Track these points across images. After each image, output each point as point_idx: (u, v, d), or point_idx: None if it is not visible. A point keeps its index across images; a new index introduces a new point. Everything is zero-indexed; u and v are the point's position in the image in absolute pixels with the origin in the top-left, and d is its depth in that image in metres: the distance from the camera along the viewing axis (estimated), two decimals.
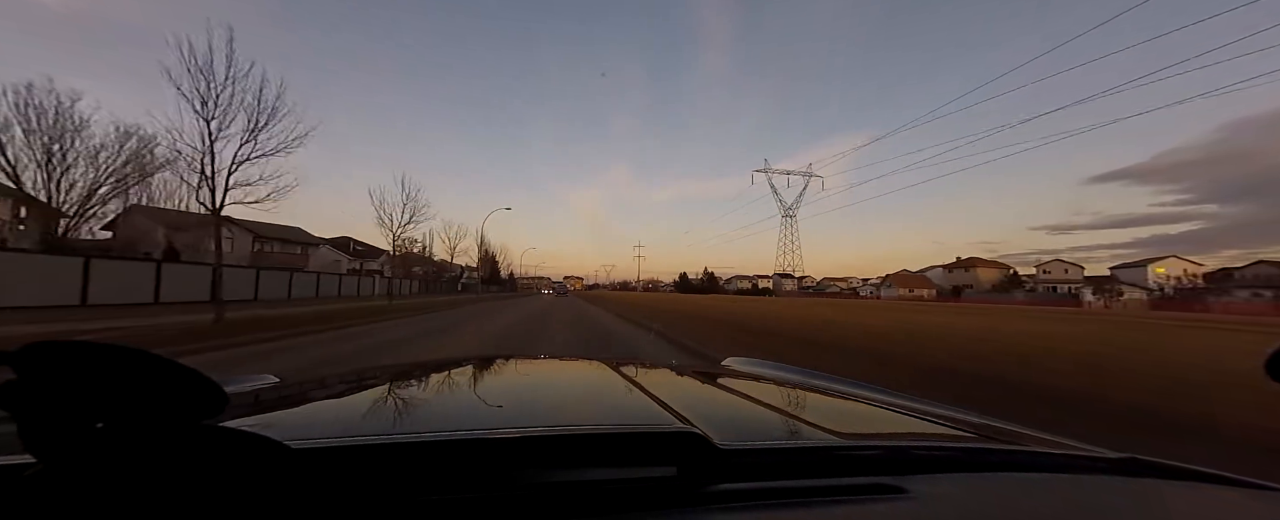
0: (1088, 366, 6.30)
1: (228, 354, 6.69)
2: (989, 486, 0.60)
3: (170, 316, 11.33)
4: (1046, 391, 4.64)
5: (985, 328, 12.93)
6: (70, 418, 0.33)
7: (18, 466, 0.41)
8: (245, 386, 1.03)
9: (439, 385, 1.06)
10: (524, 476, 0.52)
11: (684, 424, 0.63)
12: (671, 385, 1.16)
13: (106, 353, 0.34)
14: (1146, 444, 2.31)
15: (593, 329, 11.86)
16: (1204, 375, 5.58)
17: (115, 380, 0.34)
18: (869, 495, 0.54)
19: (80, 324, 9.00)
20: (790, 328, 11.80)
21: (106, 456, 0.34)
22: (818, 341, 8.85)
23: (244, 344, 7.55)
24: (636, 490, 0.51)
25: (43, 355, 0.33)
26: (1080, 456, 0.72)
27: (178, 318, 10.83)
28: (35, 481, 0.33)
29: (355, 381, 1.15)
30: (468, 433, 0.58)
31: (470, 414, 0.86)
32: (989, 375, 5.44)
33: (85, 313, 12.28)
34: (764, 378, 1.36)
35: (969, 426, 0.90)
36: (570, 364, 1.60)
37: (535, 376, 1.26)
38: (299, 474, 0.40)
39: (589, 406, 0.97)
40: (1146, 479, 0.65)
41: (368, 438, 0.55)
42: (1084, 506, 0.56)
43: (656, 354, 7.79)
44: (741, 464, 0.56)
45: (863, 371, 5.42)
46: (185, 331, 8.12)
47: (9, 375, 0.32)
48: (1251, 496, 0.62)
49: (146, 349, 0.35)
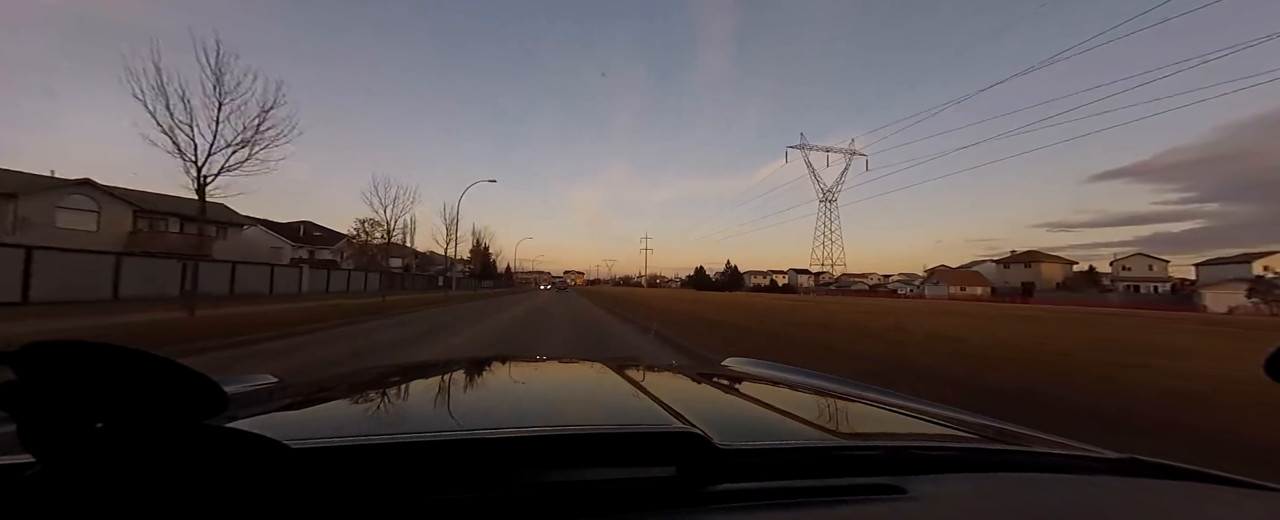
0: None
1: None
2: (989, 487, 0.60)
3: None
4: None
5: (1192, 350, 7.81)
6: (70, 418, 0.33)
7: (18, 466, 0.41)
8: (245, 386, 1.03)
9: (439, 385, 1.06)
10: (524, 476, 0.52)
11: (684, 424, 0.63)
12: (671, 385, 1.16)
13: (106, 353, 0.33)
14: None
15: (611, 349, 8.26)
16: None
17: (115, 380, 0.34)
18: (869, 495, 0.54)
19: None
20: (896, 349, 7.55)
21: (106, 456, 0.34)
22: (1003, 391, 4.69)
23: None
24: (636, 490, 0.51)
25: (43, 355, 0.32)
26: (1080, 456, 0.72)
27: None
28: (35, 481, 0.33)
29: (355, 381, 1.15)
30: (468, 433, 0.58)
31: (470, 414, 0.86)
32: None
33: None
34: (764, 378, 1.36)
35: (969, 427, 0.90)
36: (570, 364, 1.61)
37: (535, 377, 1.26)
38: (299, 474, 0.40)
39: (589, 406, 0.97)
40: (1146, 479, 0.65)
41: (368, 438, 0.56)
42: (1084, 506, 0.56)
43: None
44: (741, 464, 0.56)
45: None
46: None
47: (9, 375, 0.32)
48: (1251, 497, 0.62)
49: (146, 349, 0.35)
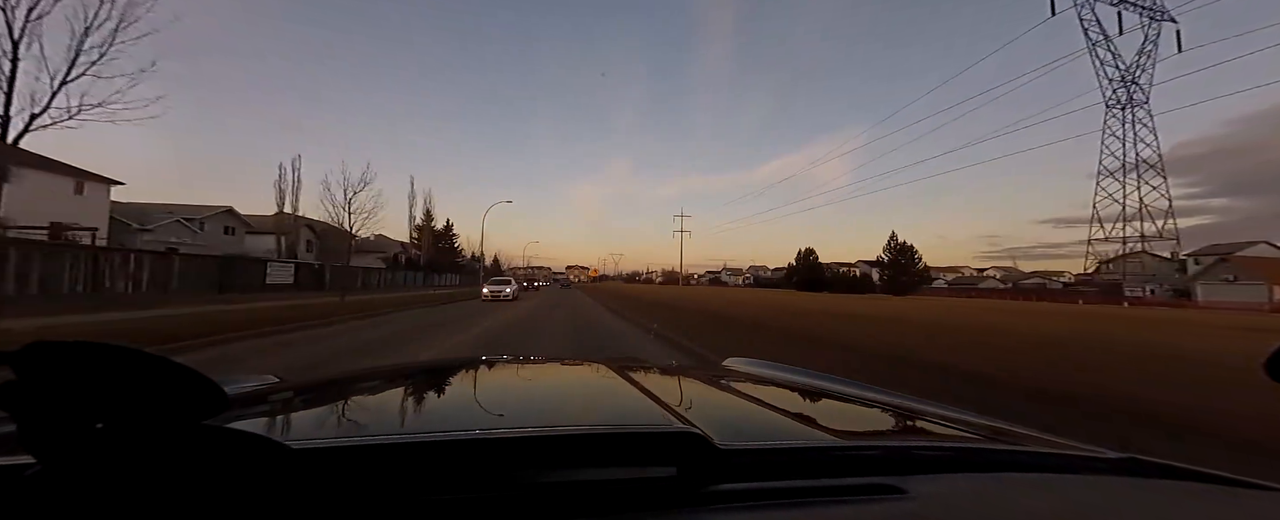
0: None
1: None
2: (989, 486, 0.60)
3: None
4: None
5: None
6: (70, 418, 0.33)
7: (18, 466, 0.41)
8: (245, 386, 1.04)
9: (439, 385, 1.07)
10: (524, 476, 0.52)
11: (684, 424, 0.63)
12: (671, 385, 1.16)
13: (106, 353, 0.34)
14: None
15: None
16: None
17: (115, 380, 0.34)
18: (869, 495, 0.54)
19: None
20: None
21: (106, 456, 0.34)
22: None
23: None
24: (637, 490, 0.51)
25: (43, 355, 0.33)
26: (1080, 456, 0.72)
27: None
28: (35, 481, 0.33)
29: (355, 382, 1.15)
30: (468, 433, 0.58)
31: (470, 414, 0.86)
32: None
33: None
34: (764, 378, 1.36)
35: (969, 426, 0.90)
36: (570, 364, 1.61)
37: (535, 377, 1.26)
38: (299, 474, 0.40)
39: (589, 406, 0.97)
40: (1146, 479, 0.65)
41: (368, 438, 0.56)
42: (1084, 506, 0.56)
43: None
44: (741, 464, 0.56)
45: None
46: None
47: (9, 375, 0.32)
48: (1251, 497, 0.62)
49: (145, 349, 0.35)
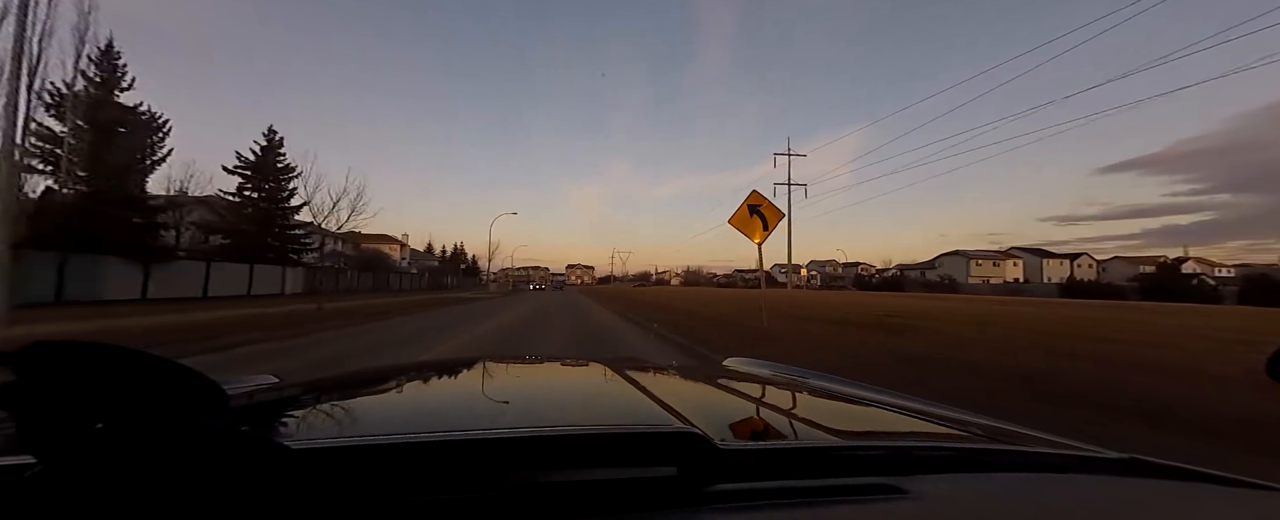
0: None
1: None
2: (989, 487, 0.60)
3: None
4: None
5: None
6: (70, 418, 0.33)
7: (18, 466, 0.41)
8: (245, 387, 1.04)
9: (439, 385, 1.07)
10: (524, 476, 0.52)
11: (684, 424, 0.63)
12: (672, 385, 1.17)
13: (106, 353, 0.34)
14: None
15: None
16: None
17: (115, 380, 0.34)
18: (869, 495, 0.54)
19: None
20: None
21: (106, 456, 0.34)
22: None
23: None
24: (637, 490, 0.51)
25: (43, 355, 0.33)
26: (1081, 457, 0.72)
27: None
28: (35, 481, 0.33)
29: (355, 382, 1.15)
30: (468, 433, 0.58)
31: (470, 414, 0.87)
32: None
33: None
34: (764, 378, 1.36)
35: (969, 427, 0.90)
36: (570, 364, 1.61)
37: (535, 377, 1.26)
38: (299, 474, 0.40)
39: (589, 406, 0.97)
40: (1147, 479, 0.65)
41: (368, 438, 0.56)
42: (1084, 506, 0.56)
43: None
44: (742, 464, 0.56)
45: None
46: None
47: (9, 375, 0.33)
48: (1252, 497, 0.62)
49: (145, 349, 0.35)
